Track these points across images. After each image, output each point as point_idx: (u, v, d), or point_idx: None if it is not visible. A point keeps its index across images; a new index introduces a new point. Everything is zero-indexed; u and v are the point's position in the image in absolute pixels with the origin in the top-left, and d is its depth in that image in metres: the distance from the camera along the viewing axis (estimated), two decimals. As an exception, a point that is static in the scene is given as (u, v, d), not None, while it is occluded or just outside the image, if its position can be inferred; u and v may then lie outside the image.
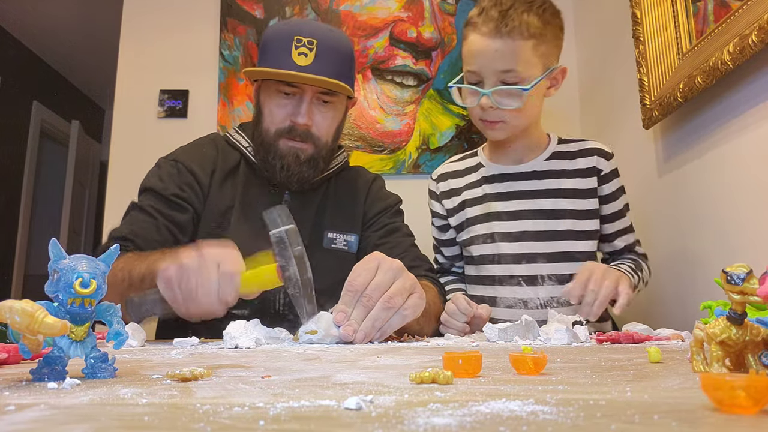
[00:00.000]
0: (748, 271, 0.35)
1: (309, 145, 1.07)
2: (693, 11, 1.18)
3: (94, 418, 0.25)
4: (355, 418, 0.24)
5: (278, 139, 1.06)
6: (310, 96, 1.04)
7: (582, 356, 0.55)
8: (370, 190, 1.21)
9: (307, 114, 1.04)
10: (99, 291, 0.38)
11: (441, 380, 0.35)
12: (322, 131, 1.07)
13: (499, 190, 1.18)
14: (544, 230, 1.13)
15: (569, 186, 1.15)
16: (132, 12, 2.05)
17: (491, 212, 1.17)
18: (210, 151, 1.13)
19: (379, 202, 1.19)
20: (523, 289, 1.13)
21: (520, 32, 1.03)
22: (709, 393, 0.26)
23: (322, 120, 1.07)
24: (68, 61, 4.45)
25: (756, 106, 1.00)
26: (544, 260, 1.12)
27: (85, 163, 4.77)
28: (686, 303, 1.25)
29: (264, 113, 1.08)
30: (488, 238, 1.16)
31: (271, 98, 1.06)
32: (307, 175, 1.08)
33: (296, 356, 0.56)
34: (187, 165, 1.08)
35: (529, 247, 1.13)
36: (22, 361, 0.49)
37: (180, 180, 1.07)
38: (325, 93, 1.05)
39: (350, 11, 2.00)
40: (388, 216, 1.18)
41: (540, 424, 0.23)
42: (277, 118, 1.06)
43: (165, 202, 1.04)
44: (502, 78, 1.05)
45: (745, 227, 1.04)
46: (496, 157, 1.22)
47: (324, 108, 1.07)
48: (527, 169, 1.18)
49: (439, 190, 1.25)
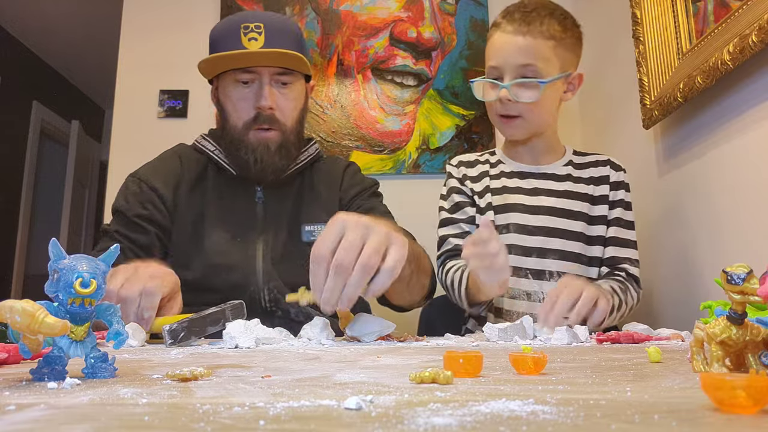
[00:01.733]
0: (748, 271, 0.35)
1: (276, 132, 1.08)
2: (693, 11, 1.18)
3: (94, 418, 0.25)
4: (355, 418, 0.24)
5: (247, 132, 1.07)
6: (268, 78, 1.06)
7: (582, 356, 0.55)
8: (345, 175, 1.21)
9: (269, 97, 1.05)
10: (99, 291, 0.38)
11: (441, 380, 0.35)
12: (286, 115, 1.08)
13: (519, 185, 1.20)
14: (559, 228, 1.14)
15: (585, 191, 1.17)
16: (132, 12, 2.05)
17: (509, 203, 1.18)
18: (173, 164, 1.14)
19: (354, 187, 1.20)
20: (529, 282, 1.13)
21: (541, 32, 1.10)
22: (709, 393, 0.26)
23: (285, 102, 1.08)
24: (68, 61, 4.45)
25: (756, 106, 1.00)
26: (554, 257, 1.13)
27: (85, 163, 4.77)
28: (686, 303, 1.25)
29: (228, 110, 1.09)
30: (503, 229, 1.16)
31: (231, 92, 1.08)
32: (280, 165, 1.09)
33: (296, 356, 0.56)
34: (149, 183, 1.09)
35: (542, 243, 1.14)
36: (22, 361, 0.49)
37: (142, 198, 1.08)
38: (282, 74, 1.07)
39: (350, 11, 2.00)
40: (364, 198, 1.18)
41: (540, 424, 0.23)
42: (242, 110, 1.07)
43: (128, 225, 1.06)
44: (521, 72, 1.10)
45: (746, 227, 1.04)
46: (515, 155, 1.24)
47: (284, 90, 1.08)
48: (547, 170, 1.20)
49: (461, 174, 1.25)
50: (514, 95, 1.10)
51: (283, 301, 1.03)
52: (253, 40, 1.03)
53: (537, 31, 1.09)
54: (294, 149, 1.13)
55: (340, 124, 1.94)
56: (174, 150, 1.19)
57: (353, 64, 1.97)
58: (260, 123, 1.06)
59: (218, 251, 1.05)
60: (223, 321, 0.75)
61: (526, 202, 1.17)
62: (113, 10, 2.23)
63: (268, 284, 1.05)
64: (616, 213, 1.17)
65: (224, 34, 1.07)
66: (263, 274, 1.05)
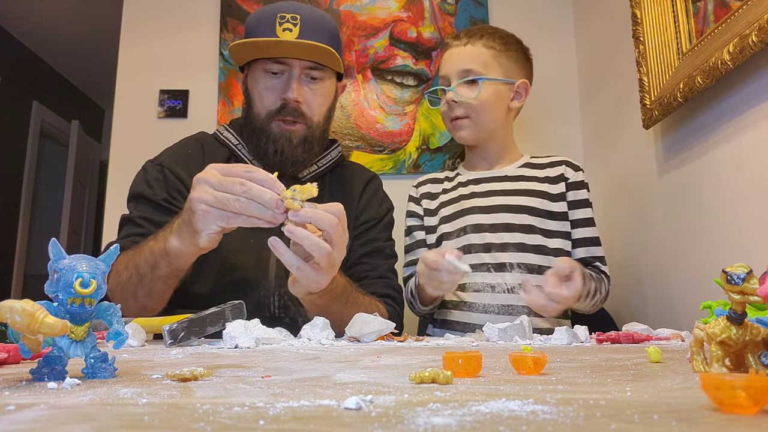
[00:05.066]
0: (748, 271, 0.35)
1: (301, 125, 1.05)
2: (693, 11, 1.18)
3: (94, 418, 0.25)
4: (355, 418, 0.24)
5: (270, 122, 1.05)
6: (298, 72, 1.04)
7: (582, 356, 0.55)
8: (365, 192, 1.19)
9: (297, 90, 1.04)
10: (99, 291, 0.38)
11: (441, 380, 0.35)
12: (313, 109, 1.07)
13: (473, 190, 1.26)
14: (516, 223, 1.19)
15: (539, 188, 1.23)
16: (132, 12, 2.05)
17: (464, 208, 1.23)
18: (195, 151, 1.10)
19: (371, 209, 1.17)
20: (492, 275, 1.17)
21: (482, 42, 1.23)
22: (709, 393, 0.26)
23: (313, 97, 1.06)
24: (68, 61, 4.45)
25: (756, 106, 1.00)
26: (513, 249, 1.17)
27: (85, 163, 4.77)
28: (686, 303, 1.25)
29: (254, 98, 1.07)
30: (461, 232, 1.22)
31: (259, 81, 1.06)
32: (301, 158, 1.07)
33: (296, 356, 0.56)
34: (173, 170, 1.06)
35: (500, 238, 1.18)
36: (22, 361, 0.49)
37: (168, 185, 1.05)
38: (313, 68, 1.05)
39: (350, 11, 2.00)
40: (378, 230, 1.16)
41: (540, 424, 0.23)
42: (268, 100, 1.05)
43: (155, 207, 1.02)
44: (463, 76, 1.22)
45: (745, 227, 1.04)
46: (472, 165, 1.32)
47: (313, 85, 1.07)
48: (500, 173, 1.27)
49: (419, 193, 1.33)
50: (457, 95, 1.21)
51: (293, 309, 1.02)
52: (288, 30, 1.01)
53: (477, 42, 1.23)
54: (317, 146, 1.10)
55: (340, 124, 1.94)
56: (196, 138, 1.15)
57: (353, 64, 1.97)
58: (285, 115, 1.04)
59: (233, 250, 1.01)
60: (223, 321, 0.75)
61: (481, 204, 1.23)
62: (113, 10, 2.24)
63: (279, 290, 1.02)
64: (582, 214, 1.21)
65: (260, 22, 1.04)
66: (275, 279, 1.03)
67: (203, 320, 0.73)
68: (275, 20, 1.02)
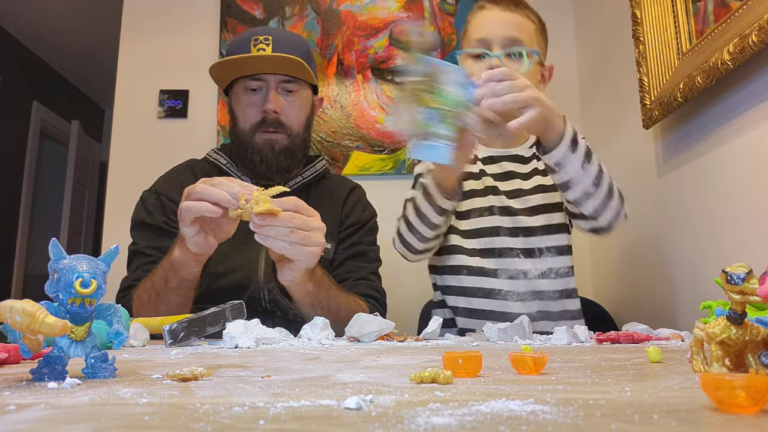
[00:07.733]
0: (748, 271, 0.35)
1: (282, 135, 1.14)
2: (693, 11, 1.18)
3: (94, 418, 0.25)
4: (355, 418, 0.24)
5: (254, 134, 1.13)
6: (274, 85, 1.13)
7: (582, 356, 0.55)
8: (347, 200, 1.23)
9: (274, 101, 1.12)
10: (99, 291, 0.38)
11: (441, 380, 0.35)
12: (291, 119, 1.15)
13: (494, 171, 1.21)
14: (541, 203, 1.16)
15: None
16: (132, 12, 2.05)
17: (488, 186, 1.19)
18: (188, 177, 1.16)
19: (354, 214, 1.22)
20: (522, 261, 1.14)
21: (526, 14, 1.15)
22: (709, 393, 0.26)
23: (290, 108, 1.15)
24: (68, 61, 4.45)
25: (756, 106, 1.00)
26: (542, 233, 1.14)
27: (85, 163, 4.77)
28: (686, 303, 1.25)
29: (238, 116, 1.16)
30: (486, 211, 1.17)
31: (241, 99, 1.15)
32: (285, 165, 1.15)
33: (296, 356, 0.56)
34: (168, 195, 1.13)
35: (527, 221, 1.15)
36: (22, 361, 0.49)
37: (165, 210, 1.12)
38: (288, 81, 1.14)
39: (350, 11, 2.00)
40: (361, 234, 1.20)
41: (540, 424, 0.23)
42: (250, 114, 1.14)
43: (158, 233, 1.09)
44: (509, 44, 1.11)
45: (745, 227, 1.04)
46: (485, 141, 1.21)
47: (289, 97, 1.15)
48: (515, 152, 1.22)
49: None
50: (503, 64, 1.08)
51: (282, 302, 1.07)
52: (261, 50, 1.11)
53: (522, 12, 1.15)
54: (300, 153, 1.17)
55: (340, 124, 1.94)
56: (187, 164, 1.23)
57: (353, 64, 1.97)
58: (266, 126, 1.13)
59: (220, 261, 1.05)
60: (223, 321, 0.75)
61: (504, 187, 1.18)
62: (113, 10, 2.23)
63: (268, 285, 1.08)
64: None
65: (237, 46, 1.15)
66: (263, 276, 1.09)
67: (203, 320, 0.73)
68: (250, 42, 1.12)
